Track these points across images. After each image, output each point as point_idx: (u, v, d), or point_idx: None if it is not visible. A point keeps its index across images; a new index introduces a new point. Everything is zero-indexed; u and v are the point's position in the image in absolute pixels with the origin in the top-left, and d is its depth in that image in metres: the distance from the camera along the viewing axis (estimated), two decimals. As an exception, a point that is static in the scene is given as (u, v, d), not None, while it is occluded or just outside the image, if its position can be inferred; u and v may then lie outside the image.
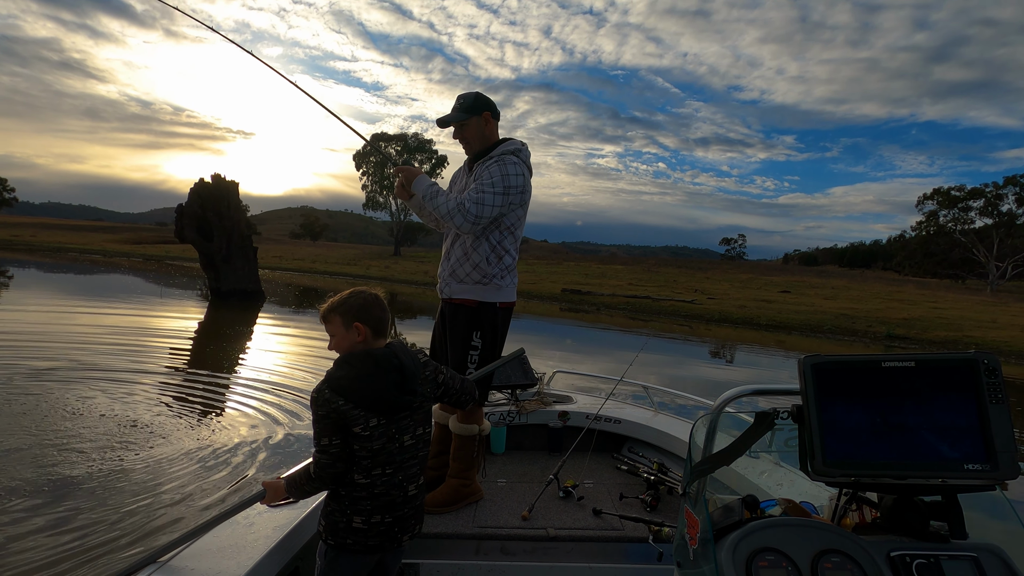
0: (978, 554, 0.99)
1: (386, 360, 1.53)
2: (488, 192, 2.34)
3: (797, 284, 39.50)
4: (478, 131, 2.47)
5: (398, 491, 1.57)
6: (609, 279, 39.26)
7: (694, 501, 1.18)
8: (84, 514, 3.50)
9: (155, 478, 4.06)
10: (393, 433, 1.55)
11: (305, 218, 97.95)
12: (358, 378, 1.50)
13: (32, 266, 28.12)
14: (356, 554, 1.55)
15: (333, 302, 1.61)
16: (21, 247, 44.49)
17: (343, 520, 1.53)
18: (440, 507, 2.46)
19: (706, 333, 19.34)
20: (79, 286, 20.47)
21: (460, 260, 2.49)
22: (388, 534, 1.56)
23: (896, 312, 25.69)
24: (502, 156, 2.44)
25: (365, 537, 1.54)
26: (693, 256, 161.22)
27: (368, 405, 1.50)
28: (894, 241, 69.72)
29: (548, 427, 3.35)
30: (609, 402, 3.46)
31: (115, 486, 3.89)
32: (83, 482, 3.91)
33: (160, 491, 3.87)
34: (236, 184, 18.86)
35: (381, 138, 58.18)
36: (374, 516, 1.53)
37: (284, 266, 41.31)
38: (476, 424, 2.54)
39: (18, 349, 7.94)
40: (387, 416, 1.53)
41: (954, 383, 1.03)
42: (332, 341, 1.60)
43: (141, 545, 3.18)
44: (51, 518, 3.44)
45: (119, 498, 3.72)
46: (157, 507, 3.64)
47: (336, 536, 1.54)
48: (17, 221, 78.76)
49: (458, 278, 2.50)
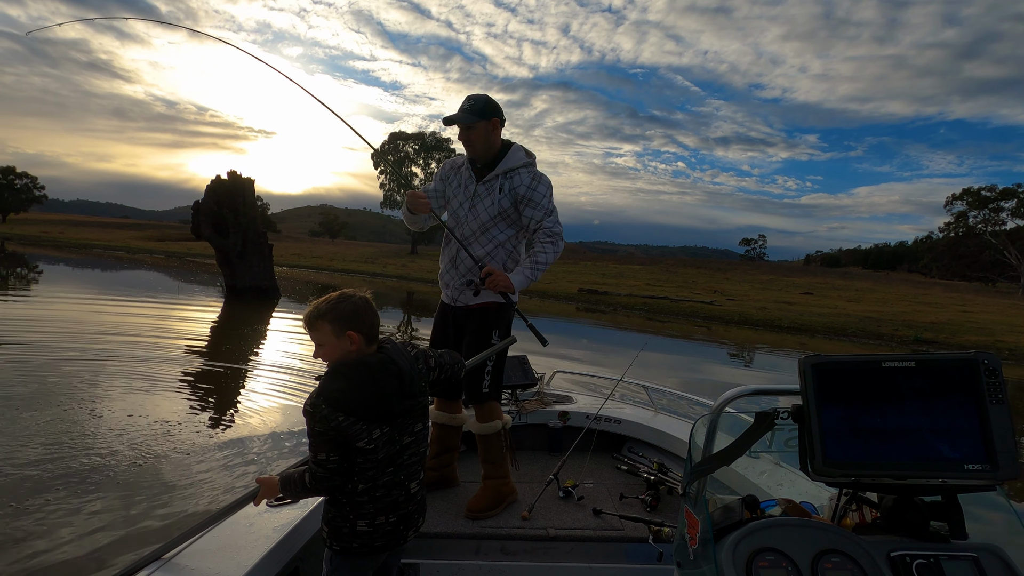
0: (978, 554, 0.99)
1: (383, 368, 1.46)
2: (554, 210, 2.48)
3: (820, 286, 38.85)
4: (484, 136, 2.43)
5: (400, 490, 1.54)
6: (626, 279, 39.04)
7: (694, 501, 1.18)
8: (91, 509, 3.55)
9: (162, 476, 4.10)
10: (395, 437, 1.51)
11: (324, 216, 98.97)
12: (356, 390, 1.42)
13: (59, 262, 28.82)
14: (363, 556, 1.53)
15: (320, 307, 1.49)
16: (49, 243, 45.72)
17: (347, 526, 1.50)
18: (484, 512, 2.43)
19: (725, 335, 19.05)
20: (99, 281, 20.88)
21: (472, 269, 2.46)
22: (394, 533, 1.54)
23: (923, 315, 25.12)
24: (529, 168, 2.48)
25: (371, 539, 1.51)
26: (712, 257, 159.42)
27: (370, 417, 1.44)
28: (921, 242, 68.32)
29: (548, 427, 3.34)
30: (609, 402, 3.45)
31: (124, 481, 3.95)
32: (91, 475, 3.97)
33: (167, 488, 3.90)
34: (251, 181, 18.86)
35: (399, 137, 58.56)
36: (378, 518, 1.50)
37: (303, 264, 41.82)
38: (497, 419, 2.53)
39: (28, 340, 8.19)
40: (390, 424, 1.48)
41: (954, 383, 1.02)
42: (320, 350, 1.50)
43: (147, 541, 3.20)
44: (64, 509, 3.49)
45: (127, 493, 3.77)
46: (159, 506, 3.65)
47: (341, 541, 1.51)
48: (47, 218, 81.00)
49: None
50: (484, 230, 2.47)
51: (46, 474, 3.94)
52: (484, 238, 2.48)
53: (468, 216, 2.49)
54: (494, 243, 2.47)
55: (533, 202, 2.44)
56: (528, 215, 2.45)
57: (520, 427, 3.30)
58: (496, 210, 2.44)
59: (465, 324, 2.54)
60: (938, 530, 1.05)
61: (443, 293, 2.63)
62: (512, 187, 2.44)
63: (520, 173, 2.46)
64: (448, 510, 2.48)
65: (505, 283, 2.36)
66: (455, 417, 2.68)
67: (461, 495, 2.61)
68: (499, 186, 2.45)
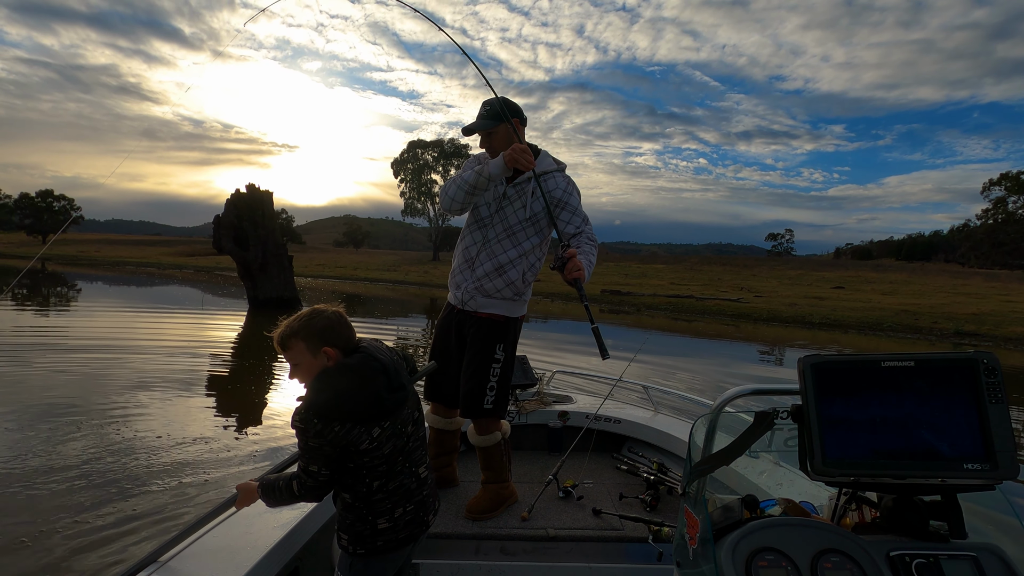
0: (978, 554, 0.98)
1: (367, 366, 1.42)
2: (584, 212, 2.44)
3: (851, 279, 37.92)
4: (506, 140, 2.33)
5: (410, 478, 1.53)
6: (650, 279, 38.71)
7: (694, 501, 1.18)
8: (97, 508, 3.66)
9: (168, 475, 4.20)
10: (397, 429, 1.49)
11: (348, 226, 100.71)
12: (346, 396, 1.38)
13: (94, 279, 29.92)
14: (389, 552, 1.51)
15: (292, 325, 1.45)
16: (85, 262, 47.71)
17: (367, 528, 1.47)
18: (483, 514, 2.44)
19: (754, 333, 18.57)
20: (129, 297, 21.53)
21: (491, 274, 2.38)
22: (415, 521, 1.53)
23: (963, 307, 24.26)
24: (562, 173, 2.44)
25: (394, 533, 1.49)
26: (738, 253, 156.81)
27: (366, 419, 1.40)
28: (957, 231, 66.20)
29: (548, 427, 3.34)
30: (609, 402, 3.43)
31: (131, 482, 4.07)
32: (94, 474, 4.11)
33: (174, 489, 3.99)
34: (270, 194, 19.06)
35: (418, 145, 59.22)
36: (396, 510, 1.49)
37: (327, 274, 42.56)
38: (497, 431, 2.51)
39: (56, 350, 8.53)
40: (388, 419, 1.46)
41: (954, 383, 1.02)
42: (296, 371, 1.45)
43: (148, 541, 3.27)
44: (68, 507, 3.61)
45: (136, 493, 3.88)
46: (162, 506, 3.73)
47: (365, 544, 1.48)
48: (84, 238, 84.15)
49: (486, 292, 2.40)
50: (510, 234, 2.39)
51: (58, 470, 4.09)
52: (508, 242, 2.39)
53: (494, 218, 2.40)
54: (519, 250, 2.38)
55: (571, 206, 2.38)
56: (566, 219, 2.38)
57: (520, 427, 3.30)
58: (527, 213, 2.35)
59: (468, 332, 2.47)
60: (938, 530, 1.04)
61: (451, 294, 2.54)
62: (547, 190, 2.36)
63: (554, 177, 2.39)
64: (448, 510, 2.48)
65: (582, 273, 2.21)
66: (452, 421, 2.65)
67: (461, 495, 2.62)
68: (531, 189, 2.36)
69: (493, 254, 2.39)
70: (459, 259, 2.50)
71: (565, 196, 2.37)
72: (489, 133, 2.34)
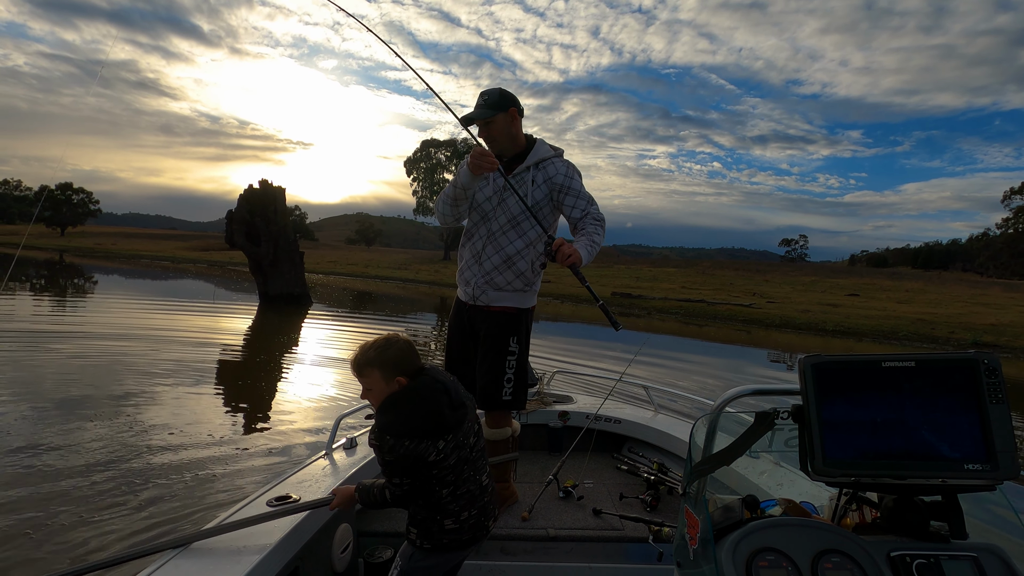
0: (978, 554, 0.98)
1: (430, 388, 1.58)
2: (593, 199, 2.40)
3: (866, 287, 37.44)
4: (505, 128, 2.36)
5: (475, 485, 1.66)
6: (661, 282, 38.52)
7: (694, 501, 1.18)
8: (104, 498, 3.69)
9: (176, 474, 4.20)
10: (460, 441, 1.62)
11: (360, 224, 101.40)
12: (412, 415, 1.55)
13: (109, 272, 30.27)
14: (451, 551, 1.64)
15: (369, 355, 1.60)
16: (101, 254, 48.45)
17: (436, 526, 1.62)
18: None
19: (765, 339, 18.39)
20: (142, 289, 21.75)
21: (499, 267, 2.40)
22: (477, 526, 1.66)
23: (982, 317, 23.85)
24: (561, 158, 2.44)
25: (459, 534, 1.63)
26: (751, 258, 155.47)
27: (433, 435, 1.55)
28: (976, 240, 65.21)
29: (548, 427, 3.34)
30: (609, 402, 3.43)
31: (138, 477, 4.08)
32: (95, 472, 4.12)
33: (184, 485, 4.01)
34: (283, 190, 19.17)
35: (431, 144, 59.45)
36: (462, 514, 1.63)
37: (338, 271, 42.82)
38: (507, 427, 2.53)
39: (65, 340, 8.68)
40: (451, 432, 1.59)
41: (954, 383, 1.01)
42: (369, 394, 1.63)
43: (149, 541, 3.29)
44: (73, 498, 3.64)
45: (140, 489, 3.89)
46: (167, 506, 3.74)
47: (432, 539, 1.62)
48: (101, 231, 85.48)
49: (496, 286, 2.42)
50: (514, 224, 2.39)
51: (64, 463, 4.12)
52: (514, 233, 2.40)
53: (497, 210, 2.41)
54: (525, 240, 2.39)
55: (573, 190, 2.37)
56: (570, 203, 2.38)
57: (520, 427, 3.34)
58: (529, 202, 2.36)
59: (481, 327, 2.48)
60: (938, 530, 1.03)
61: (460, 291, 2.57)
62: (548, 176, 2.37)
63: (554, 163, 2.40)
64: None
65: (575, 256, 2.17)
66: None
67: None
68: (531, 178, 2.38)
69: (500, 247, 2.41)
70: (466, 255, 2.51)
71: (567, 180, 2.38)
72: (487, 122, 2.36)
